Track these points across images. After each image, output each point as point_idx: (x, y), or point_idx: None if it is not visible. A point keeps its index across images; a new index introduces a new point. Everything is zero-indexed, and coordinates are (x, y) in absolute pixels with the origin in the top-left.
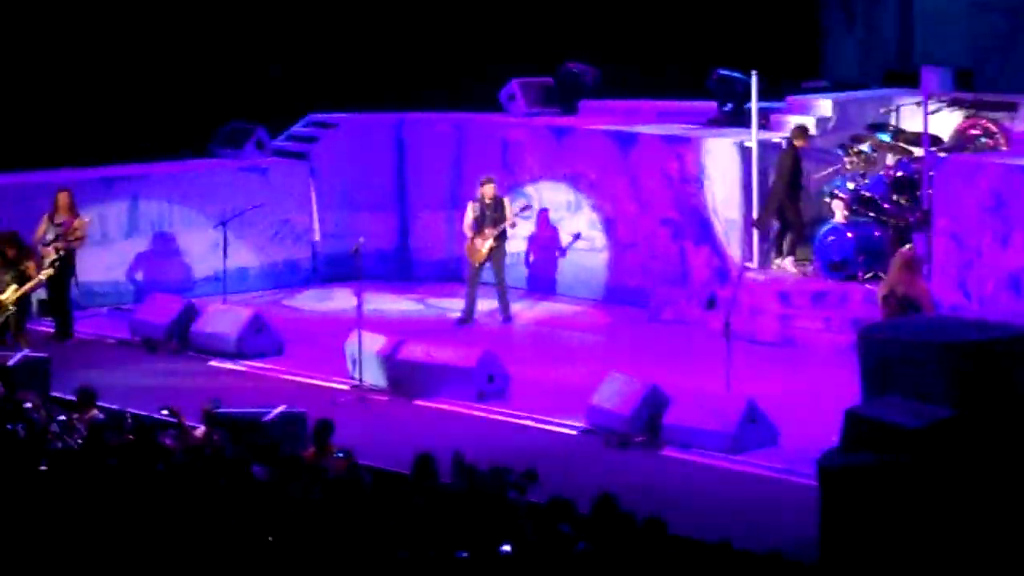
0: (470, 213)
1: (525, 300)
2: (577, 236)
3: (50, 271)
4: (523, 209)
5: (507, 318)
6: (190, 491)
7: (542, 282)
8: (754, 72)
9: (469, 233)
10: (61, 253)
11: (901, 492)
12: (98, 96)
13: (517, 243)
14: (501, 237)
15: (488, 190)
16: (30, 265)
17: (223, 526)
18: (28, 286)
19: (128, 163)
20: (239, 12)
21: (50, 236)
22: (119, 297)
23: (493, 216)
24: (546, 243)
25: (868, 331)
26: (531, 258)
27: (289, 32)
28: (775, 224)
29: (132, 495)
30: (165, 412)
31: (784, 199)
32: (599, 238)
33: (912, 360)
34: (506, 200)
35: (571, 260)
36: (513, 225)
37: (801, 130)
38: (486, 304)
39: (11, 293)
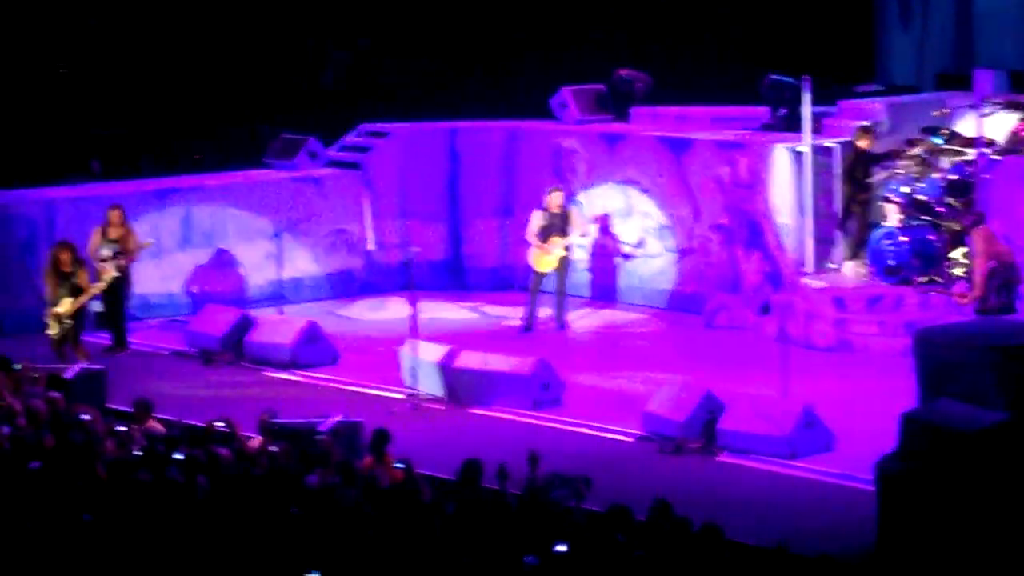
0: (536, 221)
1: (585, 308)
2: (641, 243)
3: (102, 284)
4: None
5: (561, 325)
6: (245, 501)
7: (604, 290)
8: (806, 77)
9: (534, 241)
10: (122, 272)
11: (958, 496)
12: (152, 109)
13: (578, 251)
14: (570, 247)
15: (555, 199)
16: (83, 277)
17: (275, 535)
18: (83, 299)
19: (182, 175)
20: (291, 24)
21: (105, 251)
22: (174, 309)
23: (560, 225)
24: (607, 251)
25: (924, 335)
26: (593, 266)
27: (340, 42)
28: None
29: (187, 505)
30: (221, 423)
31: (849, 200)
32: (654, 245)
33: (968, 364)
34: (574, 209)
35: (627, 267)
36: (584, 235)
37: (864, 131)
38: (543, 312)
39: (67, 306)
